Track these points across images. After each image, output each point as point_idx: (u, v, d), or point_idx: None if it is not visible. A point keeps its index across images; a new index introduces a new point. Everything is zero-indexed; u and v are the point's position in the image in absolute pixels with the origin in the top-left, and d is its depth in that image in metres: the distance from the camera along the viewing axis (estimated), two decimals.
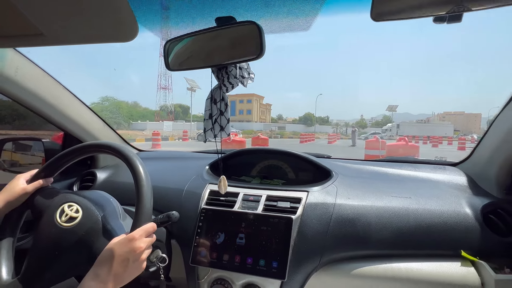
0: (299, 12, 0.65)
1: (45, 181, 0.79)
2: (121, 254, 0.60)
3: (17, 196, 0.74)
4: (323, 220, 0.88)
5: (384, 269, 0.82)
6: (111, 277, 0.59)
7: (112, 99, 39.16)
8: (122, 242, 0.62)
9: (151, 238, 0.67)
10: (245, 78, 0.74)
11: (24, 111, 1.18)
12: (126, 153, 0.75)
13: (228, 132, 0.74)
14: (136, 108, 56.78)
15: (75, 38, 0.70)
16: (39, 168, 0.81)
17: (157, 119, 51.21)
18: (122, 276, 0.60)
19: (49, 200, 0.76)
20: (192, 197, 1.00)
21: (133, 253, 0.61)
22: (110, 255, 0.60)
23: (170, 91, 62.34)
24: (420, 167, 1.18)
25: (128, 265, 0.61)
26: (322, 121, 73.07)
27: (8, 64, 0.88)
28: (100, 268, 0.60)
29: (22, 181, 0.77)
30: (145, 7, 0.70)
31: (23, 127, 2.13)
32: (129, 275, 0.62)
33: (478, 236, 0.83)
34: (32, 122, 1.87)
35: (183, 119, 57.43)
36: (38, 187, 0.78)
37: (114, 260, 0.60)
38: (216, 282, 0.87)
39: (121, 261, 0.60)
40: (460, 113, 70.91)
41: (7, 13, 0.60)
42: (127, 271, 0.61)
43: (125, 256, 0.61)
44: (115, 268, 0.59)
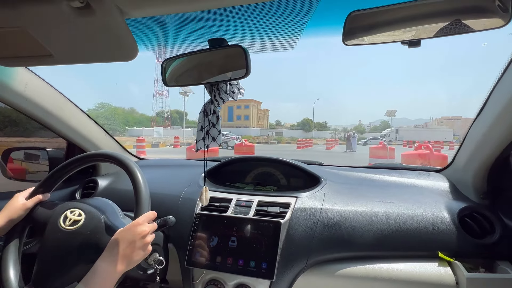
0: (283, 35, 0.73)
1: (43, 196, 0.84)
2: (128, 237, 0.67)
3: (17, 212, 0.78)
4: (310, 224, 0.94)
5: (366, 270, 0.88)
6: (120, 258, 0.65)
7: (108, 105, 39.11)
8: (128, 227, 0.69)
9: (153, 224, 0.74)
10: (235, 93, 0.81)
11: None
12: (121, 159, 0.81)
13: (219, 142, 0.81)
14: (133, 114, 56.57)
15: (80, 58, 0.77)
16: (36, 185, 0.86)
17: (153, 125, 50.86)
18: (130, 257, 0.67)
19: (51, 211, 0.81)
20: (188, 203, 1.06)
21: (138, 236, 0.68)
22: (119, 239, 0.67)
23: (166, 97, 61.73)
24: (406, 173, 1.24)
25: (135, 247, 0.67)
26: (320, 126, 73.15)
27: (18, 81, 0.95)
28: (110, 251, 0.66)
29: (21, 198, 0.82)
30: (144, 30, 0.77)
31: (16, 133, 2.16)
32: (136, 256, 0.68)
33: (455, 238, 0.89)
34: (25, 128, 1.91)
35: (180, 125, 57.23)
36: (37, 202, 0.82)
37: (122, 243, 0.66)
38: (209, 283, 0.92)
39: (128, 244, 0.67)
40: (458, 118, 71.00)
41: (22, 37, 0.67)
42: (134, 253, 0.67)
43: (132, 239, 0.67)
44: (124, 250, 0.66)
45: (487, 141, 0.91)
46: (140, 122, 45.71)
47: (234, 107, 60.31)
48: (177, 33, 0.80)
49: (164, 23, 0.78)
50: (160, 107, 61.00)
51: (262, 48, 0.79)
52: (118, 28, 0.65)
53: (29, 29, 0.65)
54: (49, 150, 1.30)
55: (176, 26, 0.78)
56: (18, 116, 1.06)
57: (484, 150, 0.94)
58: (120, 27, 0.65)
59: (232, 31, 0.78)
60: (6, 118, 2.21)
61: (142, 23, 0.74)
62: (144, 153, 11.43)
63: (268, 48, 0.78)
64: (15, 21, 0.63)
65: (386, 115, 44.13)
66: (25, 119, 1.10)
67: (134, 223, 0.70)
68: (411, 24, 0.58)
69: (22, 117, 1.09)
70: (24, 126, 1.91)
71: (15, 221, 0.79)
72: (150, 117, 58.77)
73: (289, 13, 0.66)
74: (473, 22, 0.56)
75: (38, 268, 0.75)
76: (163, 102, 61.37)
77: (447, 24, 0.55)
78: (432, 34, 0.55)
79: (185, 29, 0.78)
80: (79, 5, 0.58)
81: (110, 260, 0.65)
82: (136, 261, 0.69)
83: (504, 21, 0.53)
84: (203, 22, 0.78)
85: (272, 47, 0.77)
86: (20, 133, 2.08)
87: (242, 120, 60.00)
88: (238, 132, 24.66)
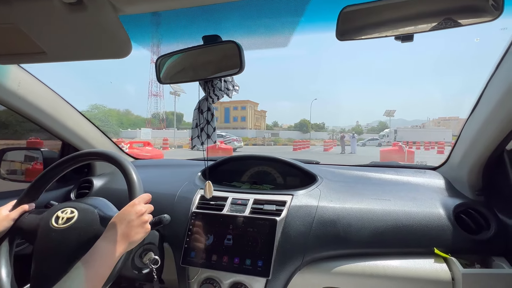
0: (277, 31, 0.73)
1: (29, 206, 0.82)
2: (126, 217, 0.68)
3: (2, 224, 0.76)
4: (306, 221, 0.94)
5: (362, 267, 0.87)
6: (120, 237, 0.66)
7: (102, 107, 38.82)
8: (125, 209, 0.70)
9: (149, 205, 0.75)
10: (230, 90, 0.81)
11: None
12: (111, 155, 0.81)
13: (214, 139, 0.81)
14: (128, 116, 56.03)
15: (73, 56, 0.77)
16: (20, 196, 0.84)
17: (147, 126, 50.32)
18: (129, 236, 0.67)
19: (40, 215, 0.79)
20: (183, 201, 1.06)
21: (136, 215, 0.69)
22: (118, 220, 0.68)
23: (161, 98, 60.49)
24: (402, 171, 1.25)
25: (133, 226, 0.68)
26: (318, 127, 73.01)
27: (11, 79, 0.95)
28: (110, 231, 0.67)
29: (4, 211, 0.80)
30: (138, 26, 0.77)
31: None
32: (136, 235, 0.69)
33: (450, 234, 0.89)
34: (15, 131, 1.89)
35: (176, 126, 56.95)
36: (22, 212, 0.80)
37: (121, 223, 0.67)
38: (205, 281, 0.92)
39: (127, 223, 0.68)
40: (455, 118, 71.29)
41: (14, 34, 0.67)
42: (133, 231, 0.68)
43: (130, 218, 0.68)
44: (123, 229, 0.67)
45: (481, 138, 0.92)
46: (135, 124, 45.45)
47: (230, 108, 60.01)
48: (171, 30, 0.80)
49: (158, 20, 0.78)
50: (155, 109, 60.13)
51: (256, 45, 0.79)
52: (111, 24, 0.65)
53: (21, 25, 0.65)
54: (43, 150, 1.29)
55: (170, 23, 0.78)
56: (7, 119, 1.05)
57: (478, 147, 0.94)
58: (113, 24, 0.65)
59: (226, 28, 0.78)
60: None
61: (136, 19, 0.74)
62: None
63: (262, 45, 0.78)
64: (7, 18, 0.63)
65: (384, 115, 44.09)
66: (14, 121, 1.09)
67: (130, 204, 0.71)
68: (404, 19, 0.58)
69: (12, 119, 1.08)
70: (14, 129, 1.89)
71: (1, 234, 0.77)
72: (145, 119, 58.08)
73: (282, 9, 0.66)
74: (465, 16, 0.56)
75: (35, 271, 0.73)
76: (158, 104, 60.43)
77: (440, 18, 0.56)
78: (425, 28, 0.56)
79: (179, 26, 0.78)
80: (71, 1, 0.57)
81: (110, 239, 0.65)
82: (136, 240, 0.69)
83: (494, 15, 0.53)
84: (197, 20, 0.78)
85: (266, 44, 0.77)
86: (9, 136, 2.06)
87: (239, 121, 59.63)
88: (235, 134, 24.23)
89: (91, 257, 0.63)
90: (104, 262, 0.63)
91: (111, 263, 0.64)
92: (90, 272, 0.60)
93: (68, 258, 0.72)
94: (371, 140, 36.95)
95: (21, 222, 0.80)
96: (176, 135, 33.65)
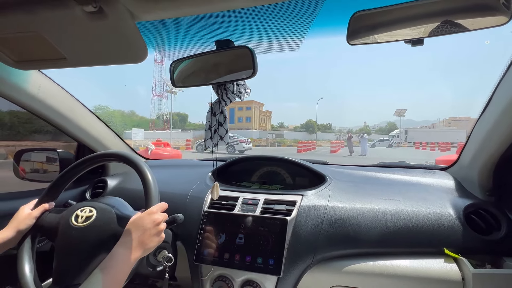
0: (288, 36, 0.75)
1: (49, 205, 0.86)
2: (143, 225, 0.71)
3: (25, 222, 0.80)
4: (316, 221, 0.95)
5: (372, 266, 0.89)
6: (136, 244, 0.69)
7: (106, 108, 39.02)
8: (143, 216, 0.73)
9: (165, 214, 0.78)
10: (242, 93, 0.83)
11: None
12: (128, 157, 0.84)
13: (226, 141, 0.83)
14: (132, 117, 56.04)
15: (92, 61, 0.80)
16: (41, 195, 0.88)
17: (151, 128, 50.32)
18: (145, 244, 0.70)
19: (60, 214, 0.83)
20: (195, 201, 1.08)
21: (153, 223, 0.72)
22: (135, 227, 0.71)
23: (165, 99, 60.18)
24: (411, 172, 1.25)
25: (150, 234, 0.71)
26: (325, 128, 72.15)
27: (32, 84, 0.99)
28: (127, 238, 0.69)
29: (26, 209, 0.84)
30: (154, 33, 0.80)
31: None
32: (151, 242, 0.71)
33: (460, 235, 0.89)
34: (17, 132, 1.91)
35: (180, 127, 56.56)
36: (43, 211, 0.84)
37: (138, 230, 0.70)
38: (217, 279, 0.94)
39: (144, 231, 0.70)
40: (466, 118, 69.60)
41: (36, 41, 0.70)
42: (149, 239, 0.71)
43: (148, 226, 0.71)
44: (140, 237, 0.69)
45: (492, 138, 0.92)
46: (138, 125, 45.64)
47: (235, 109, 59.61)
48: (184, 35, 0.83)
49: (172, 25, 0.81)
50: (159, 109, 59.81)
51: (268, 49, 0.81)
52: (129, 31, 0.68)
53: (43, 33, 0.68)
54: (60, 151, 1.33)
55: (184, 28, 0.80)
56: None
57: (489, 147, 0.94)
58: (130, 30, 0.67)
59: (238, 33, 0.80)
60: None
61: (151, 26, 0.76)
62: None
63: (274, 49, 0.80)
64: (30, 26, 0.66)
65: (395, 115, 42.96)
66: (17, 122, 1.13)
67: (148, 211, 0.74)
68: (414, 23, 0.59)
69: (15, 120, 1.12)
70: (17, 130, 1.93)
71: (24, 231, 0.81)
72: (149, 120, 57.82)
73: (294, 14, 0.67)
74: (476, 21, 0.57)
75: (57, 268, 0.76)
76: (162, 104, 60.13)
77: (450, 22, 0.57)
78: (435, 33, 0.57)
79: (193, 31, 0.80)
80: (92, 10, 0.60)
81: (127, 246, 0.68)
82: (151, 247, 0.72)
83: (507, 17, 0.54)
84: (210, 25, 0.81)
85: (277, 48, 0.79)
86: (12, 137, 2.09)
87: (244, 122, 59.14)
88: (240, 134, 23.57)
89: (109, 263, 0.65)
90: (121, 268, 0.66)
91: (128, 269, 0.67)
92: (108, 278, 0.63)
93: (88, 255, 0.75)
94: (381, 141, 35.58)
95: (42, 220, 0.84)
96: (176, 136, 32.82)
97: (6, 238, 0.77)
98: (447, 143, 22.02)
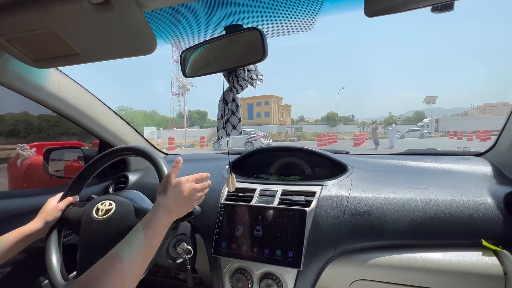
0: (299, 14, 0.70)
1: (73, 198, 0.91)
2: (183, 190, 0.75)
3: (52, 214, 0.85)
4: (337, 212, 0.90)
5: (400, 259, 0.82)
6: (175, 207, 0.72)
7: (129, 108, 40.39)
8: (182, 181, 0.76)
9: (206, 183, 0.84)
10: (254, 79, 0.79)
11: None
12: (143, 150, 0.84)
13: (239, 130, 0.80)
14: (154, 116, 57.58)
15: (104, 55, 0.80)
16: (66, 188, 0.92)
17: (171, 126, 51.34)
18: (182, 208, 0.75)
19: (83, 208, 0.87)
20: (213, 193, 1.07)
21: (192, 191, 0.77)
22: (174, 191, 0.74)
23: (184, 97, 61.25)
24: (442, 159, 1.15)
25: (187, 200, 0.75)
26: (347, 120, 69.74)
27: (51, 82, 1.02)
28: (167, 199, 0.72)
29: (53, 202, 0.89)
30: (161, 23, 0.79)
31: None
32: (188, 207, 0.76)
33: (500, 225, 0.81)
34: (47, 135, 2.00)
35: (199, 124, 57.16)
36: (68, 204, 0.89)
37: (177, 194, 0.74)
38: (236, 271, 0.93)
39: (182, 196, 0.74)
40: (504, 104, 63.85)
41: (51, 38, 0.71)
42: (187, 204, 0.76)
43: (188, 192, 0.75)
44: (178, 201, 0.74)
45: None
46: (159, 124, 46.66)
47: (254, 104, 59.13)
48: (192, 23, 0.81)
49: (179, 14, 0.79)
50: (178, 108, 60.56)
51: (280, 31, 0.77)
52: (137, 21, 0.67)
53: (56, 30, 0.69)
54: (84, 148, 1.39)
55: (191, 15, 0.78)
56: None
57: None
58: (138, 21, 0.67)
59: (247, 16, 0.76)
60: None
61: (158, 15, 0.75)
62: None
63: (286, 30, 0.76)
64: (44, 23, 0.67)
65: (424, 103, 40.12)
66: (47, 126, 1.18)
67: (185, 179, 0.77)
68: None
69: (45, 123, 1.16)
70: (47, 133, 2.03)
71: (51, 223, 0.85)
72: (169, 119, 58.94)
73: None
74: None
75: (80, 259, 0.80)
76: (181, 103, 60.38)
77: None
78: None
79: (200, 17, 0.78)
80: (99, 1, 0.60)
81: (166, 209, 0.70)
82: (186, 211, 0.76)
83: None
84: (218, 9, 0.78)
85: (289, 29, 0.75)
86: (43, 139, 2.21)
87: (262, 117, 58.47)
88: (259, 130, 22.60)
89: (152, 223, 0.66)
90: (159, 228, 0.67)
91: (164, 232, 0.69)
92: (148, 233, 0.64)
93: (108, 247, 0.76)
94: (411, 131, 32.34)
95: (67, 213, 0.87)
96: (196, 133, 33.06)
97: (35, 229, 0.82)
98: (487, 131, 19.13)
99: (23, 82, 0.96)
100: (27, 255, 1.04)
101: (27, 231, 0.80)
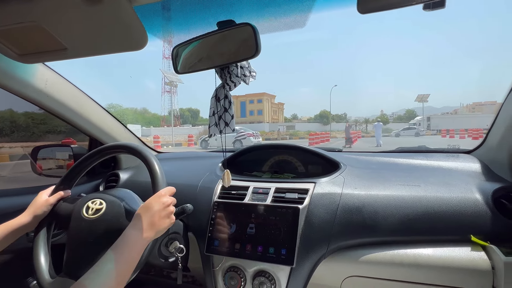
0: (293, 10, 0.70)
1: (65, 193, 0.88)
2: (153, 207, 0.71)
3: (41, 208, 0.82)
4: (330, 209, 0.91)
5: (391, 255, 0.83)
6: (147, 226, 0.69)
7: (119, 106, 39.53)
8: (152, 199, 0.73)
9: (174, 198, 0.78)
10: (247, 76, 0.79)
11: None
12: (132, 146, 0.83)
13: (232, 127, 0.80)
14: (144, 114, 56.39)
15: (93, 51, 0.78)
16: (57, 182, 0.90)
17: (162, 124, 50.20)
18: (156, 225, 0.70)
19: (73, 204, 0.84)
20: (205, 191, 1.07)
21: (163, 206, 0.72)
22: (144, 210, 0.71)
23: (175, 95, 58.79)
24: (432, 156, 1.17)
25: (160, 216, 0.71)
26: (339, 118, 70.07)
27: (39, 78, 0.99)
28: (138, 220, 0.69)
29: (44, 195, 0.86)
30: (152, 17, 0.77)
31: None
32: (163, 224, 0.72)
33: (489, 220, 0.82)
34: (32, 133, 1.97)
35: (191, 123, 56.34)
36: (59, 198, 0.87)
37: (148, 212, 0.70)
38: (229, 269, 0.92)
39: (153, 213, 0.70)
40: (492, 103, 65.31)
41: (37, 32, 0.69)
42: (161, 221, 0.71)
43: (157, 208, 0.71)
44: (150, 219, 0.70)
45: None
46: (150, 122, 45.63)
47: (246, 102, 58.62)
48: (184, 18, 0.79)
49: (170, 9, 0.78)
50: (170, 106, 58.98)
51: (273, 27, 0.76)
52: (127, 15, 0.65)
53: (42, 23, 0.67)
54: (73, 146, 1.35)
55: (183, 10, 0.77)
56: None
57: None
58: (128, 15, 0.65)
59: (240, 12, 0.75)
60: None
61: (149, 10, 0.74)
62: None
63: (279, 27, 0.75)
64: (30, 16, 0.65)
65: (416, 101, 40.49)
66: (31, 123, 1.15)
67: (157, 195, 0.74)
68: None
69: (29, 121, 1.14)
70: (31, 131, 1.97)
71: (40, 217, 0.83)
72: (160, 117, 57.65)
73: None
74: None
75: (67, 258, 0.78)
76: (172, 100, 59.17)
77: None
78: None
79: (192, 13, 0.77)
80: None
81: (138, 227, 0.68)
82: (163, 229, 0.72)
83: None
84: (210, 4, 0.77)
85: (282, 25, 0.74)
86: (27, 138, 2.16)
87: (255, 115, 58.00)
88: (251, 128, 22.07)
89: (121, 243, 0.65)
90: (133, 249, 0.65)
91: (139, 249, 0.67)
92: (120, 257, 0.62)
93: (96, 248, 0.75)
94: (406, 129, 32.18)
95: (58, 208, 0.85)
96: (182, 132, 31.88)
97: (23, 223, 0.80)
98: (479, 129, 19.51)
99: (8, 78, 0.92)
100: (15, 255, 1.02)
101: (15, 224, 0.78)
